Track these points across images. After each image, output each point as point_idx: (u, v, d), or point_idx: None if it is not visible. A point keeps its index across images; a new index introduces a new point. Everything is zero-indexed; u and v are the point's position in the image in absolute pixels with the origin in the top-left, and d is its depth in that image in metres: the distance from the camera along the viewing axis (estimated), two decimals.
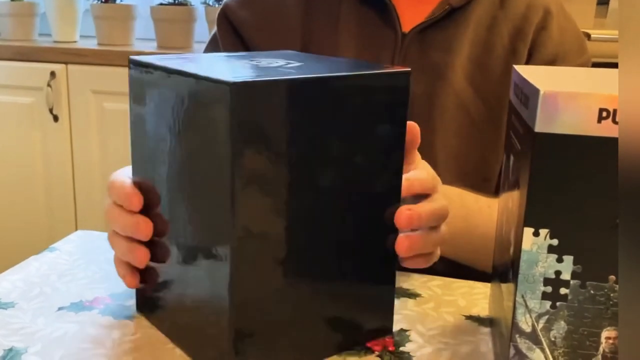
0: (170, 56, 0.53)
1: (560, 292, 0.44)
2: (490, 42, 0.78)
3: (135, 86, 0.52)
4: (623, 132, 0.36)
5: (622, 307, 0.34)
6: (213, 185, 0.45)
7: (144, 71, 0.51)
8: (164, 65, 0.49)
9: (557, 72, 0.52)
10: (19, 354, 0.53)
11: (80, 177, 1.89)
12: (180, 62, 0.50)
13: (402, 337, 0.57)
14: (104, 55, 1.82)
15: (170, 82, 0.48)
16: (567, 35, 0.80)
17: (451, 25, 0.78)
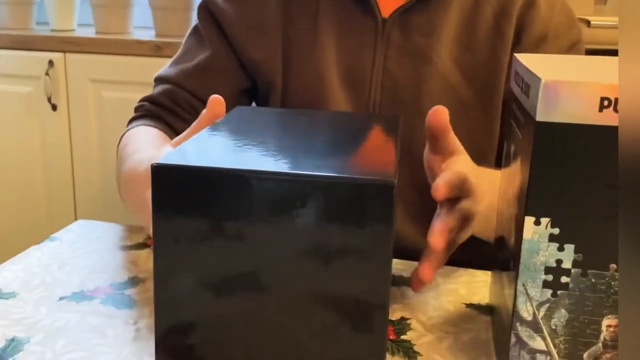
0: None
1: (561, 280, 0.44)
2: (474, 23, 0.77)
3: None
4: (623, 121, 0.36)
5: (622, 295, 0.35)
6: None
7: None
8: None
9: (558, 61, 0.52)
10: (21, 343, 0.53)
11: (79, 166, 1.88)
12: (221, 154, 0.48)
13: (402, 325, 0.58)
14: (102, 43, 1.81)
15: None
16: (555, 10, 0.79)
17: (433, 7, 0.77)
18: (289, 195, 0.44)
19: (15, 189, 1.95)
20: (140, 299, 0.61)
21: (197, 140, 0.51)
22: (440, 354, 0.53)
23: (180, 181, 0.44)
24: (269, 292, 0.45)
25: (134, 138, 0.77)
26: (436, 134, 0.57)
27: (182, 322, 0.47)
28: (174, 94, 0.83)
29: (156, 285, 0.46)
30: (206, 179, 0.44)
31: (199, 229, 0.45)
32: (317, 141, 0.54)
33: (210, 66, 0.83)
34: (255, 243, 0.44)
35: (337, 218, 0.43)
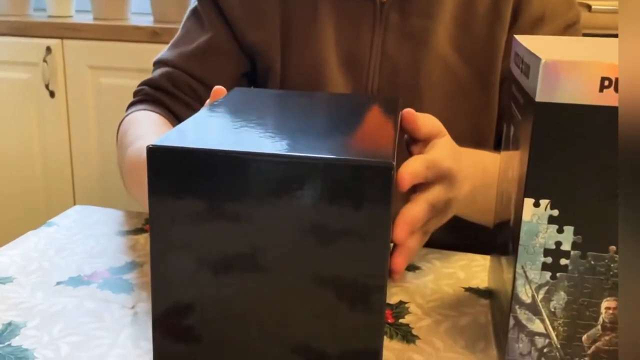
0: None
1: (560, 262, 0.44)
2: (472, 3, 0.77)
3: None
4: (623, 101, 0.36)
5: (622, 277, 0.34)
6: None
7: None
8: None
9: (558, 42, 0.51)
10: (17, 328, 0.53)
11: (78, 153, 1.88)
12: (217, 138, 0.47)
13: (401, 309, 0.57)
14: (100, 29, 1.80)
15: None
16: None
17: None
18: (287, 177, 0.43)
19: (13, 176, 1.95)
20: (137, 283, 0.60)
21: (194, 122, 0.50)
22: (438, 337, 0.53)
23: (177, 163, 0.44)
24: (267, 273, 0.45)
25: (134, 124, 0.76)
26: (411, 131, 0.56)
27: (179, 304, 0.46)
28: (173, 76, 0.82)
29: (153, 267, 0.46)
30: (203, 161, 0.44)
31: (196, 210, 0.44)
32: (316, 122, 0.53)
33: (210, 49, 0.82)
34: (252, 225, 0.44)
35: (335, 200, 0.43)
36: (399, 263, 0.50)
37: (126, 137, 0.74)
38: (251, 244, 0.45)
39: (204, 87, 0.82)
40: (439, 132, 0.56)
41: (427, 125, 0.56)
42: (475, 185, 0.59)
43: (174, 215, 0.45)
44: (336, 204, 0.43)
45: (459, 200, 0.56)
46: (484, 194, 0.62)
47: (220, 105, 0.56)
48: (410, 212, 0.51)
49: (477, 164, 0.61)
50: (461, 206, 0.58)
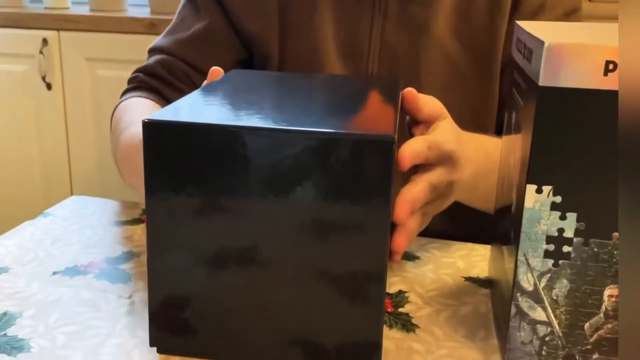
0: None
1: (563, 250, 0.43)
2: None
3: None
4: (623, 85, 0.35)
5: (622, 263, 0.34)
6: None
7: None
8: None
9: (560, 27, 0.50)
10: (13, 317, 0.52)
11: (75, 145, 1.87)
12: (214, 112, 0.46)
13: (400, 298, 0.57)
14: (97, 21, 1.78)
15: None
16: None
17: None
18: (285, 153, 0.42)
19: (10, 168, 1.94)
20: (134, 273, 0.60)
21: (190, 99, 0.49)
22: (438, 326, 0.52)
23: (173, 138, 0.43)
24: (264, 264, 0.44)
25: (128, 110, 0.75)
26: (413, 111, 0.55)
27: (176, 296, 0.46)
28: (169, 63, 0.81)
29: (149, 253, 0.45)
30: (200, 136, 0.42)
31: (192, 189, 0.43)
32: (315, 101, 0.52)
33: (206, 36, 0.81)
34: (249, 205, 0.43)
35: (335, 178, 0.42)
36: (399, 243, 0.49)
37: (120, 123, 0.73)
38: (248, 227, 0.44)
39: (199, 75, 0.81)
40: (440, 113, 0.55)
41: (429, 106, 0.55)
42: (477, 170, 0.58)
43: (170, 194, 0.44)
44: (336, 183, 0.42)
45: (461, 183, 0.56)
46: (485, 179, 0.61)
47: (217, 85, 0.55)
48: (411, 191, 0.50)
49: (479, 148, 0.61)
50: (463, 190, 0.57)
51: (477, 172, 0.59)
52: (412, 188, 0.50)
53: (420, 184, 0.51)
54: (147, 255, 0.45)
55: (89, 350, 0.48)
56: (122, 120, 0.73)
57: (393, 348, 0.50)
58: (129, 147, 0.65)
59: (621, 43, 0.37)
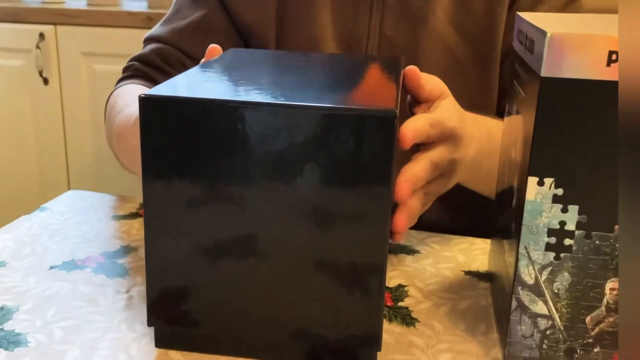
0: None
1: (564, 243, 0.43)
2: None
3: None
4: (623, 77, 0.35)
5: (622, 255, 0.33)
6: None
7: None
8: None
9: (562, 18, 0.50)
10: (10, 312, 0.52)
11: (72, 140, 1.86)
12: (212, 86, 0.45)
13: (400, 292, 0.57)
14: (94, 15, 1.77)
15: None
16: None
17: None
18: (284, 129, 0.41)
19: (7, 163, 1.93)
20: (132, 268, 0.59)
21: (187, 75, 0.48)
22: (438, 320, 0.52)
23: (170, 113, 0.42)
24: (264, 252, 0.44)
25: (123, 95, 0.74)
26: (414, 89, 0.55)
27: (175, 284, 0.45)
28: (164, 52, 0.81)
29: (147, 235, 0.44)
30: (197, 111, 0.41)
31: (190, 166, 0.42)
32: (315, 78, 0.51)
33: (203, 25, 0.80)
34: (248, 183, 0.42)
35: (335, 154, 0.41)
36: (400, 222, 0.48)
37: (115, 108, 0.72)
38: (248, 210, 0.43)
39: (195, 63, 0.80)
40: (442, 92, 0.54)
41: (430, 84, 0.54)
42: (480, 149, 0.57)
43: (168, 171, 0.43)
44: (336, 160, 0.41)
45: (464, 162, 0.55)
46: (489, 160, 0.60)
47: (215, 62, 0.54)
48: (412, 170, 0.49)
49: (482, 128, 0.60)
50: (466, 170, 0.56)
51: (481, 151, 0.58)
52: (413, 166, 0.49)
53: (422, 162, 0.50)
54: (145, 237, 0.44)
55: (86, 344, 0.48)
56: (117, 105, 0.72)
57: (393, 342, 0.49)
58: (125, 126, 0.65)
59: (621, 34, 0.36)
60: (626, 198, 0.34)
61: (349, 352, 0.45)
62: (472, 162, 0.56)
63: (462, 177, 0.58)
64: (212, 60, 0.55)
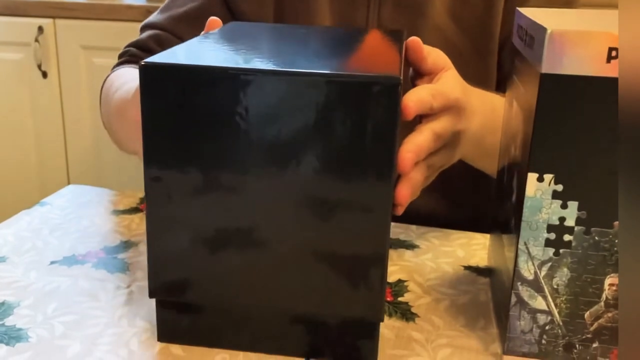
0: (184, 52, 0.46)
1: (564, 239, 0.43)
2: None
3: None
4: (623, 73, 0.35)
5: (622, 251, 0.33)
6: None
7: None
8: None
9: (562, 14, 0.50)
10: (11, 307, 0.52)
11: (71, 134, 1.86)
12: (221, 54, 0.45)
13: (400, 287, 0.57)
14: (93, 9, 1.77)
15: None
16: None
17: None
18: (286, 97, 0.40)
19: (6, 157, 1.93)
20: (132, 263, 0.59)
21: (189, 45, 0.48)
22: (438, 315, 0.52)
23: (172, 81, 0.41)
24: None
25: (120, 77, 0.74)
26: (417, 61, 0.54)
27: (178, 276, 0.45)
28: (162, 38, 0.80)
29: (149, 209, 0.44)
30: (198, 79, 0.41)
31: (190, 137, 0.42)
32: (317, 47, 0.50)
33: (201, 13, 0.80)
34: (249, 155, 0.42)
35: (338, 123, 0.40)
36: (402, 194, 0.47)
37: (112, 88, 0.72)
38: (248, 190, 0.42)
39: None
40: (445, 64, 0.54)
41: (433, 56, 0.53)
42: (484, 122, 0.57)
43: (169, 142, 0.42)
44: (339, 129, 0.40)
45: (468, 135, 0.54)
46: (492, 134, 0.59)
47: (214, 34, 0.54)
48: (414, 140, 0.48)
49: (485, 101, 0.59)
50: (470, 143, 0.55)
51: (484, 125, 0.57)
52: (416, 137, 0.48)
53: (425, 133, 0.49)
54: (146, 214, 0.44)
55: (87, 339, 0.48)
56: (114, 85, 0.72)
57: (392, 337, 0.49)
58: (124, 101, 0.64)
59: (621, 30, 0.36)
60: (626, 194, 0.34)
61: (349, 343, 0.46)
62: (476, 135, 0.56)
63: (465, 151, 0.57)
64: (212, 32, 0.55)
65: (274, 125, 0.41)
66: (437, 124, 0.50)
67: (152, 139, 0.43)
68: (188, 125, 0.42)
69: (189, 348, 0.47)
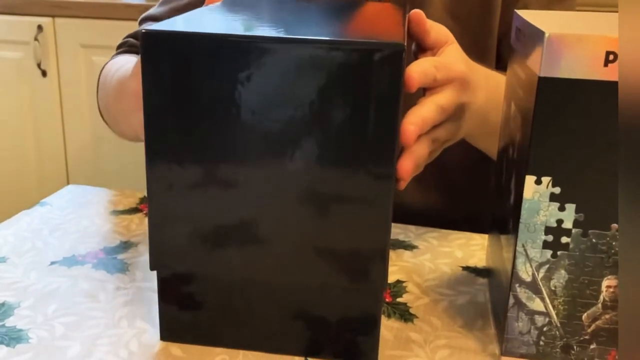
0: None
1: (561, 241, 0.43)
2: None
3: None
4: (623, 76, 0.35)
5: (622, 254, 0.34)
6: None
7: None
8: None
9: (560, 16, 0.50)
10: (11, 308, 0.52)
11: (71, 133, 1.86)
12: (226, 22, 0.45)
13: (398, 288, 0.57)
14: (92, 7, 1.77)
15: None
16: None
17: None
18: (288, 65, 0.40)
19: (6, 156, 1.93)
20: (132, 263, 0.60)
21: (190, 15, 0.47)
22: (436, 316, 0.53)
23: (173, 50, 0.41)
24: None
25: (118, 63, 0.73)
26: (419, 34, 0.53)
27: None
28: None
29: (149, 186, 0.44)
30: (201, 47, 0.40)
31: (192, 108, 0.41)
32: (319, 17, 0.50)
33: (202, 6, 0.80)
34: (249, 127, 0.41)
35: (339, 94, 0.39)
36: (405, 167, 0.45)
37: (110, 73, 0.72)
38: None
39: None
40: (448, 38, 0.53)
41: (436, 29, 0.52)
42: (489, 97, 0.55)
43: (170, 112, 0.41)
44: (340, 98, 0.39)
45: (472, 108, 0.53)
46: (496, 113, 0.57)
47: (216, 5, 0.53)
48: (417, 112, 0.47)
49: (489, 76, 0.58)
50: (475, 119, 0.54)
51: (490, 99, 0.56)
52: (420, 109, 0.47)
53: (428, 105, 0.48)
54: (147, 182, 0.44)
55: (87, 340, 0.48)
56: (112, 71, 0.71)
57: (391, 338, 0.50)
58: (123, 78, 0.63)
59: (621, 32, 0.37)
60: (626, 196, 0.34)
61: (350, 340, 0.46)
62: (480, 110, 0.54)
63: (469, 127, 0.56)
64: (212, 5, 0.54)
65: (275, 95, 0.40)
66: (441, 97, 0.49)
67: (153, 109, 0.42)
68: (190, 95, 0.41)
69: (188, 349, 0.47)
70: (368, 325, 0.45)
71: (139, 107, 0.43)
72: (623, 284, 0.34)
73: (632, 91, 0.34)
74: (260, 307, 0.46)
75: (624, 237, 0.34)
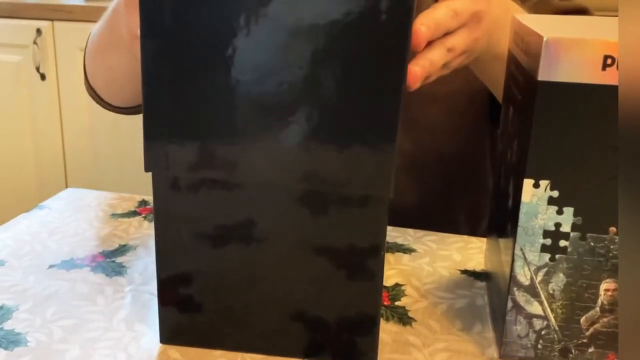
0: None
1: (559, 244, 0.43)
2: None
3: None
4: (623, 80, 0.35)
5: (622, 258, 0.34)
6: None
7: None
8: None
9: (559, 20, 0.50)
10: (10, 311, 0.52)
11: (70, 136, 1.86)
12: None
13: (397, 291, 0.57)
14: (92, 11, 1.77)
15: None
16: None
17: None
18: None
19: (4, 159, 1.93)
20: (131, 267, 0.60)
21: None
22: (435, 320, 0.53)
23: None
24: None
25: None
26: None
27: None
28: None
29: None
30: None
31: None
32: None
33: None
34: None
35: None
36: (413, 72, 0.42)
37: (94, 29, 0.72)
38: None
39: None
40: None
41: None
42: (501, 12, 0.52)
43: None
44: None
45: (487, 18, 0.49)
46: (505, 32, 0.54)
47: None
48: (431, 14, 0.43)
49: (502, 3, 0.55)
50: (488, 31, 0.51)
51: (501, 14, 0.52)
52: (432, 11, 0.44)
53: (441, 8, 0.44)
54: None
55: (86, 344, 0.48)
56: (95, 27, 0.72)
57: (390, 341, 0.50)
58: (111, 10, 0.63)
59: (621, 36, 0.37)
60: (626, 199, 0.34)
61: (349, 340, 0.46)
62: (493, 25, 0.51)
63: (483, 43, 0.52)
64: None
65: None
66: (456, 1, 0.46)
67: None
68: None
69: (187, 352, 0.47)
70: (367, 325, 0.45)
71: (131, 12, 0.41)
72: (623, 287, 0.34)
73: (632, 95, 0.35)
74: (259, 308, 0.46)
75: (623, 240, 0.34)
